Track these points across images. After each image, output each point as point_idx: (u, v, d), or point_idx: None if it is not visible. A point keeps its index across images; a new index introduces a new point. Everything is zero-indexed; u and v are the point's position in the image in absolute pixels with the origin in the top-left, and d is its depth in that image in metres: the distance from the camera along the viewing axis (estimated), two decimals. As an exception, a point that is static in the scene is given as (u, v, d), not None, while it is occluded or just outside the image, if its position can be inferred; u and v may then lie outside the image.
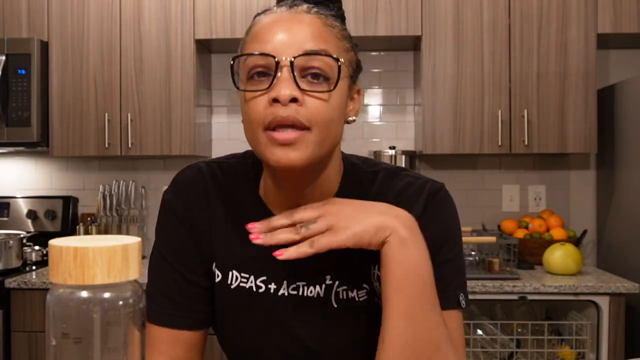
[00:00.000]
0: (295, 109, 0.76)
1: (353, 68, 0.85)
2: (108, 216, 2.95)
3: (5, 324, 2.43)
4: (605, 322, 2.29)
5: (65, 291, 0.51)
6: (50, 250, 0.50)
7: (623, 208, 2.63)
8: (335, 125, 0.80)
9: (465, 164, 2.99)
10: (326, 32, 0.80)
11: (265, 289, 0.89)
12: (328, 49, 0.79)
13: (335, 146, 0.85)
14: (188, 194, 0.92)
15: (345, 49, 0.82)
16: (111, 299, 0.51)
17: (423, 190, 0.88)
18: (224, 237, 0.91)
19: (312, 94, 0.77)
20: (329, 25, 0.81)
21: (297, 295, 0.88)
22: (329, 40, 0.80)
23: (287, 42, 0.77)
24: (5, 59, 2.66)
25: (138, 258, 0.53)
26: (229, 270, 0.90)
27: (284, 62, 0.76)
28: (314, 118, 0.77)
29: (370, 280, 0.89)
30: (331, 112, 0.78)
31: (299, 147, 0.77)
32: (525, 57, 2.64)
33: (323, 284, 0.88)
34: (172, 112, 2.74)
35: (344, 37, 0.83)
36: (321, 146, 0.79)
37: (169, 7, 2.74)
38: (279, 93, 0.76)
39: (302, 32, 0.78)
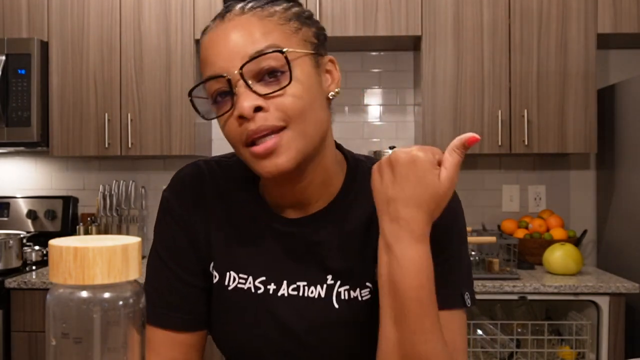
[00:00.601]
0: (263, 117, 0.76)
1: (313, 42, 0.82)
2: (108, 216, 2.95)
3: (5, 324, 2.43)
4: (605, 322, 2.29)
5: (65, 291, 0.51)
6: (50, 250, 0.50)
7: (623, 208, 2.63)
8: (312, 109, 0.79)
9: (465, 164, 2.99)
10: (264, 26, 0.78)
11: (265, 290, 0.87)
12: (272, 41, 0.77)
13: (323, 130, 0.82)
14: (186, 193, 0.91)
15: (293, 30, 0.80)
16: (111, 299, 0.51)
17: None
18: (222, 237, 0.90)
19: (273, 94, 0.76)
20: (267, 16, 0.78)
21: (298, 296, 0.86)
22: (269, 32, 0.77)
23: (229, 55, 0.76)
24: (5, 59, 2.66)
25: (138, 258, 0.53)
26: (226, 270, 0.89)
27: (234, 77, 0.76)
28: (285, 114, 0.76)
29: (372, 277, 0.86)
30: (300, 102, 0.77)
31: (282, 151, 0.76)
32: (525, 57, 2.64)
33: (324, 284, 0.86)
34: (172, 112, 2.74)
35: (288, 19, 0.80)
36: (304, 136, 0.78)
37: (169, 7, 2.74)
38: (241, 108, 0.75)
39: (240, 38, 0.77)
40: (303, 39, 0.80)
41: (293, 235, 0.87)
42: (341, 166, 0.89)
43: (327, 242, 0.87)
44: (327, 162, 0.86)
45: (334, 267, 0.86)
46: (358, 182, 0.88)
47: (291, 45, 0.78)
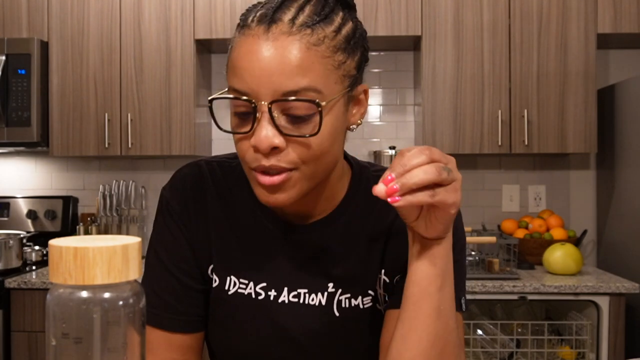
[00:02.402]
0: (277, 157, 0.73)
1: (352, 76, 0.77)
2: (108, 216, 2.95)
3: (5, 324, 2.43)
4: (605, 322, 2.29)
5: (65, 291, 0.51)
6: (50, 250, 0.50)
7: (623, 208, 2.63)
8: (328, 155, 0.76)
9: (465, 164, 2.99)
10: (309, 58, 0.71)
11: (265, 296, 0.86)
12: (310, 82, 0.71)
13: (334, 165, 0.81)
14: (186, 193, 0.89)
15: (337, 64, 0.74)
16: (111, 299, 0.51)
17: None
18: (223, 241, 0.88)
19: (295, 138, 0.72)
20: (315, 44, 0.72)
21: (298, 303, 0.85)
22: (311, 69, 0.71)
23: (263, 80, 0.71)
24: (5, 59, 2.66)
25: (138, 258, 0.53)
26: (227, 275, 0.87)
27: (262, 107, 0.71)
28: (300, 160, 0.74)
29: (373, 283, 0.86)
30: (318, 150, 0.74)
31: (285, 189, 0.75)
32: (525, 57, 2.64)
33: (325, 291, 0.85)
34: (172, 112, 2.74)
35: (336, 49, 0.74)
36: (311, 179, 0.76)
37: (169, 7, 2.74)
38: (259, 142, 0.72)
39: (279, 66, 0.70)
40: (343, 74, 0.75)
41: (295, 241, 0.86)
42: (346, 176, 0.88)
43: (329, 249, 0.86)
44: (333, 180, 0.84)
45: (335, 275, 0.85)
46: (362, 191, 0.87)
47: (329, 84, 0.73)
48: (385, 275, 0.86)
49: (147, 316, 0.88)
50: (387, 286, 0.86)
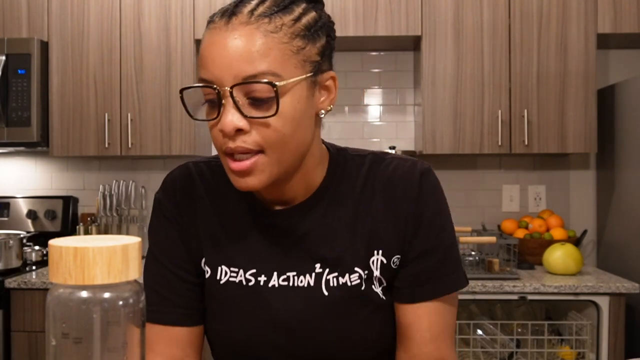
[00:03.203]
0: (242, 138, 0.78)
1: (314, 62, 0.81)
2: (108, 216, 2.95)
3: (5, 324, 2.43)
4: (605, 322, 2.29)
5: (65, 291, 0.51)
6: (50, 250, 0.50)
7: (623, 208, 2.63)
8: (293, 138, 0.80)
9: (465, 164, 2.99)
10: (266, 44, 0.76)
11: (255, 282, 0.89)
12: (268, 67, 0.76)
13: (304, 150, 0.84)
14: (176, 193, 0.94)
15: (295, 49, 0.78)
16: (111, 299, 0.51)
17: (414, 172, 0.89)
18: (212, 234, 0.92)
19: (257, 119, 0.77)
20: (272, 31, 0.77)
21: (288, 286, 0.88)
22: (268, 54, 0.76)
23: (224, 67, 0.76)
24: (5, 59, 2.66)
25: (138, 258, 0.53)
26: (218, 265, 0.91)
27: (224, 92, 0.77)
28: (264, 142, 0.78)
29: (364, 264, 0.88)
30: (281, 132, 0.78)
31: (254, 173, 0.79)
32: (525, 57, 2.64)
33: (313, 272, 0.88)
34: (172, 112, 2.74)
35: (294, 35, 0.78)
36: (280, 163, 0.80)
37: (169, 7, 2.74)
38: (223, 125, 0.77)
39: (238, 53, 0.76)
40: (303, 59, 0.79)
41: (280, 227, 0.90)
42: (324, 161, 0.91)
43: (312, 231, 0.89)
44: (310, 166, 0.88)
45: (321, 256, 0.88)
46: (340, 172, 0.91)
47: (287, 69, 0.77)
48: (382, 255, 0.88)
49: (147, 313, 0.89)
50: (384, 267, 0.88)
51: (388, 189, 0.88)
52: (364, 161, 0.91)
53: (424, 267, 0.88)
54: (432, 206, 0.88)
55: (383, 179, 0.89)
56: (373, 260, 0.88)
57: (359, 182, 0.90)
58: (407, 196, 0.87)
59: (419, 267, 0.88)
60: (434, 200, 0.89)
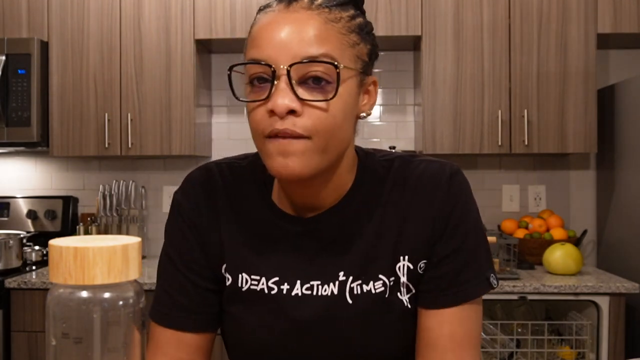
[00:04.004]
0: (293, 120, 0.74)
1: (364, 61, 0.81)
2: (108, 216, 2.95)
3: (5, 324, 2.43)
4: (605, 322, 2.29)
5: (65, 291, 0.51)
6: (50, 250, 0.50)
7: (623, 208, 2.63)
8: (340, 130, 0.78)
9: (465, 164, 2.99)
10: (327, 31, 0.76)
11: (278, 290, 0.86)
12: (328, 51, 0.75)
13: (345, 148, 0.83)
14: (197, 195, 0.91)
15: (351, 43, 0.78)
16: (111, 299, 0.51)
17: (443, 174, 0.86)
18: (233, 239, 0.89)
19: (312, 103, 0.75)
20: (332, 21, 0.77)
21: (312, 295, 0.85)
22: (329, 40, 0.76)
23: (283, 47, 0.74)
24: (5, 59, 2.66)
25: (138, 258, 0.53)
26: (238, 273, 0.88)
27: (280, 71, 0.74)
28: (314, 128, 0.75)
29: (390, 271, 0.85)
30: (332, 120, 0.76)
31: (299, 156, 0.75)
32: (525, 57, 2.64)
33: (337, 280, 0.85)
34: (172, 112, 2.74)
35: (351, 30, 0.79)
36: (324, 153, 0.77)
37: (169, 7, 2.74)
38: (275, 105, 0.74)
39: (299, 35, 0.75)
40: (357, 55, 0.80)
41: (305, 234, 0.87)
42: (354, 164, 0.89)
43: (338, 239, 0.86)
44: (342, 169, 0.85)
45: (346, 263, 0.86)
46: (369, 178, 0.88)
47: (344, 59, 0.77)
48: (408, 261, 0.85)
49: (158, 316, 0.90)
50: (411, 273, 0.85)
51: (416, 192, 0.86)
52: (392, 165, 0.89)
53: (446, 270, 0.84)
54: (459, 208, 0.85)
55: (411, 183, 0.86)
56: (399, 266, 0.85)
57: (387, 187, 0.87)
58: (435, 198, 0.85)
59: (442, 271, 0.85)
60: (462, 202, 0.86)
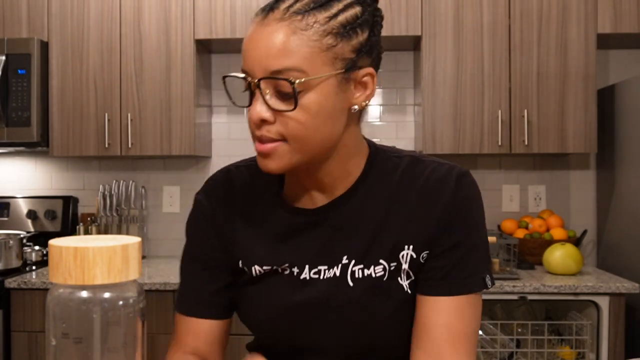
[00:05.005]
0: (267, 127, 0.83)
1: (347, 59, 0.83)
2: (108, 216, 2.95)
3: (5, 324, 2.43)
4: (605, 322, 2.29)
5: (65, 291, 0.51)
6: (50, 250, 0.50)
7: (623, 208, 2.63)
8: (316, 130, 0.83)
9: (465, 164, 2.97)
10: (293, 41, 0.80)
11: (289, 273, 0.93)
12: (293, 63, 0.79)
13: (332, 142, 0.87)
14: (217, 195, 0.99)
15: (324, 48, 0.81)
16: (111, 299, 0.51)
17: (452, 174, 0.90)
18: (247, 237, 0.96)
19: (280, 112, 0.82)
20: (302, 29, 0.80)
21: (318, 279, 0.91)
22: (295, 52, 0.80)
23: (256, 61, 0.81)
24: (5, 59, 2.66)
25: (138, 258, 0.53)
26: (251, 266, 0.94)
27: (254, 84, 0.82)
28: (286, 132, 0.82)
29: (391, 257, 0.90)
30: (301, 127, 0.82)
31: (274, 158, 0.84)
32: (525, 57, 2.64)
33: (340, 264, 0.91)
34: (172, 112, 2.74)
35: (326, 33, 0.81)
36: (300, 153, 0.84)
37: (169, 7, 2.74)
38: (250, 115, 0.83)
39: (267, 48, 0.80)
40: (334, 56, 0.82)
41: (313, 224, 0.92)
42: (362, 156, 0.94)
43: (346, 225, 0.91)
44: (343, 158, 0.90)
45: (350, 248, 0.91)
46: (378, 167, 0.93)
47: (314, 66, 0.81)
48: (412, 250, 0.89)
49: (180, 306, 0.98)
50: (413, 262, 0.89)
51: (424, 190, 0.90)
52: (402, 161, 0.94)
53: (445, 262, 0.88)
54: (464, 206, 0.89)
55: (420, 180, 0.90)
56: (403, 254, 0.89)
57: (395, 180, 0.92)
58: (442, 197, 0.89)
59: (441, 262, 0.89)
60: (468, 202, 0.90)
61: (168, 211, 3.07)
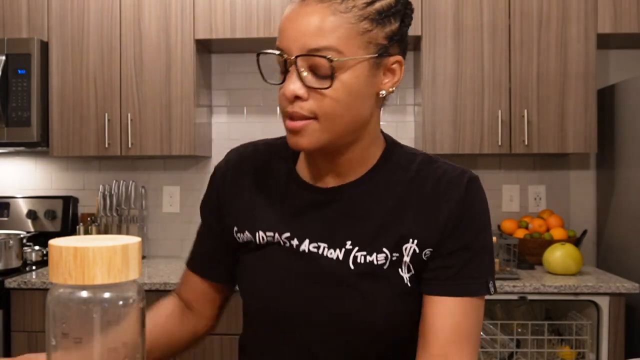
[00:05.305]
0: (300, 104, 0.85)
1: (380, 44, 0.86)
2: (108, 216, 2.95)
3: (5, 324, 2.43)
4: (605, 322, 2.29)
5: (65, 291, 0.51)
6: (50, 250, 0.50)
7: (623, 208, 2.63)
8: (348, 110, 0.86)
9: (465, 164, 2.97)
10: (332, 23, 0.83)
11: (289, 244, 0.94)
12: (329, 43, 0.82)
13: (359, 125, 0.90)
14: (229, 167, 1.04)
15: (360, 32, 0.84)
16: (111, 299, 0.51)
17: (463, 177, 0.92)
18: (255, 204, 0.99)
19: (315, 89, 0.84)
20: (342, 11, 0.83)
21: (317, 254, 0.93)
22: (333, 32, 0.83)
23: (293, 39, 0.84)
24: (5, 59, 2.66)
25: (138, 258, 0.53)
26: (256, 231, 0.97)
27: (290, 61, 0.84)
28: (318, 110, 0.85)
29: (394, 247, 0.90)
30: (335, 105, 0.85)
31: (305, 135, 0.86)
32: (525, 57, 2.64)
33: (343, 248, 0.92)
34: (172, 112, 2.74)
35: (363, 18, 0.84)
36: (330, 132, 0.86)
37: (169, 7, 2.74)
38: (284, 91, 0.85)
39: (306, 27, 0.83)
40: (368, 41, 0.85)
41: (321, 202, 0.95)
42: (380, 146, 0.97)
43: (352, 212, 0.93)
44: (365, 143, 0.94)
45: (355, 235, 0.92)
46: (392, 161, 0.96)
47: (350, 47, 0.84)
48: (416, 245, 0.90)
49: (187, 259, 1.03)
50: (415, 257, 0.90)
51: (435, 188, 0.91)
52: (417, 158, 0.96)
53: (454, 262, 0.90)
54: (474, 210, 0.91)
55: (432, 178, 0.92)
56: (406, 247, 0.90)
57: (408, 175, 0.94)
58: (452, 198, 0.90)
59: (448, 262, 0.90)
60: (477, 206, 0.92)
61: (168, 211, 3.07)
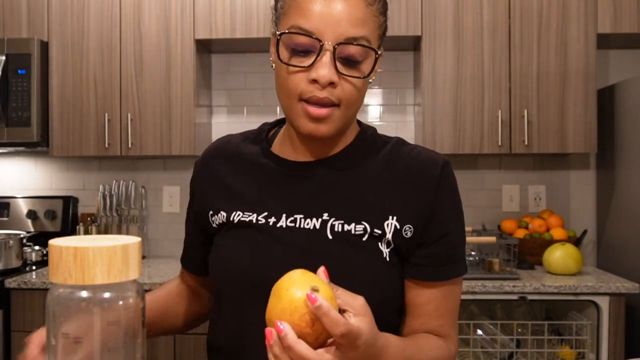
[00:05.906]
0: (330, 91, 0.85)
1: (382, 38, 0.91)
2: (108, 216, 2.95)
3: (5, 324, 2.43)
4: (605, 322, 2.29)
5: (65, 291, 0.51)
6: (50, 250, 0.50)
7: (623, 208, 2.63)
8: (361, 99, 0.90)
9: (465, 164, 2.99)
10: (367, 14, 0.84)
11: (265, 222, 0.94)
12: (366, 33, 0.84)
13: (357, 112, 0.93)
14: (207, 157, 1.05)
15: (379, 25, 0.87)
16: (111, 299, 0.51)
17: (439, 158, 0.95)
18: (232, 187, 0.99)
19: (348, 78, 0.85)
20: (370, 3, 0.85)
21: (295, 227, 0.93)
22: (368, 23, 0.85)
23: (331, 24, 0.83)
24: (5, 59, 2.66)
25: (138, 258, 0.53)
26: (233, 211, 0.97)
27: (327, 47, 0.83)
28: (345, 98, 0.86)
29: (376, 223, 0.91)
30: (358, 92, 0.88)
31: (328, 122, 0.87)
32: (525, 57, 2.64)
33: (320, 218, 0.92)
34: (172, 112, 2.74)
35: (380, 12, 0.87)
36: (345, 119, 0.89)
37: (169, 7, 2.74)
38: (319, 76, 0.83)
39: (346, 15, 0.83)
40: (380, 35, 0.90)
41: (298, 179, 0.95)
42: (355, 129, 0.99)
43: (329, 185, 0.94)
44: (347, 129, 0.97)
45: (331, 206, 0.93)
46: (369, 139, 0.98)
47: (374, 40, 0.87)
48: (396, 221, 0.91)
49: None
50: (397, 233, 0.91)
51: (411, 167, 0.94)
52: (390, 140, 0.99)
53: (438, 250, 0.93)
54: (452, 192, 0.95)
55: (407, 158, 0.95)
56: (387, 223, 0.91)
57: (383, 154, 0.96)
58: (429, 178, 0.93)
59: (434, 250, 0.93)
60: (454, 188, 0.96)
61: (168, 211, 3.07)
